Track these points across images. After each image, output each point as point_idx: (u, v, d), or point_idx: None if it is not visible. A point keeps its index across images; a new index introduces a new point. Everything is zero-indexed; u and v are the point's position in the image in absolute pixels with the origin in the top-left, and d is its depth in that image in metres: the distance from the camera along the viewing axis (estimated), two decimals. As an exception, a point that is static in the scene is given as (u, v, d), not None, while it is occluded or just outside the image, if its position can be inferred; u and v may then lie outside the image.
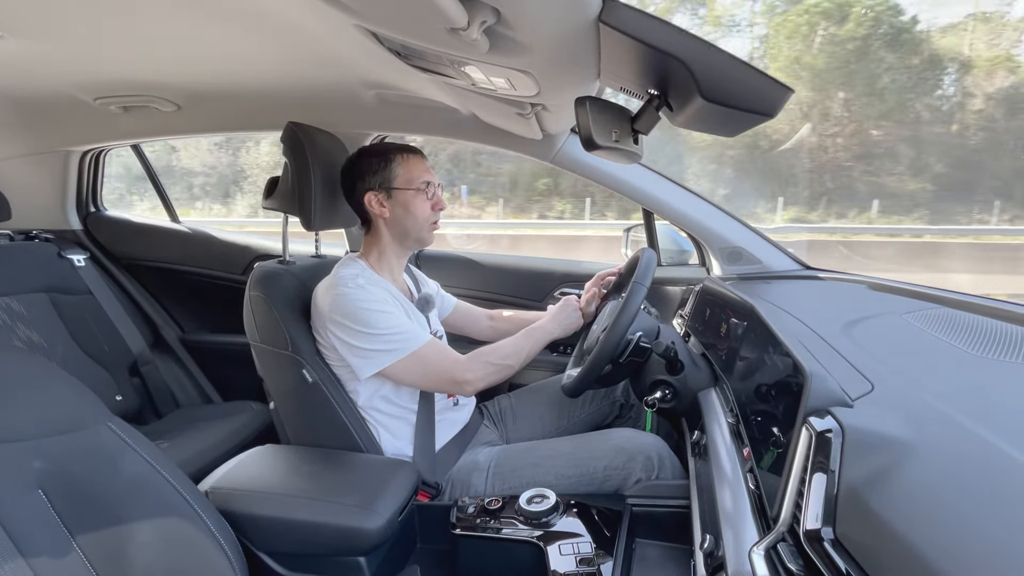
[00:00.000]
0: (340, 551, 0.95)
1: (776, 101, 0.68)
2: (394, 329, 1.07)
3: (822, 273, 1.44)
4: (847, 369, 0.69)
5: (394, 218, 1.15)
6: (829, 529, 0.47)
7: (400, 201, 1.14)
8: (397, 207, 1.14)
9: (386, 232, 1.17)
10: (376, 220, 1.17)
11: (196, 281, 2.02)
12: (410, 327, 1.10)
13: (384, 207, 1.14)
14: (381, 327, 1.06)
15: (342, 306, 1.06)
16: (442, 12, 0.60)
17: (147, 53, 1.20)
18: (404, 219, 1.15)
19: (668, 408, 1.05)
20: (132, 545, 0.72)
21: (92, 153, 1.99)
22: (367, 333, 1.05)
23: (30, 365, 0.76)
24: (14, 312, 1.56)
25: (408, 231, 1.17)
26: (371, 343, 1.06)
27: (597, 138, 0.77)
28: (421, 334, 1.10)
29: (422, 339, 1.09)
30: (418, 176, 1.15)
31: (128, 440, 0.77)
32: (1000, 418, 0.53)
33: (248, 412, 1.72)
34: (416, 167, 1.15)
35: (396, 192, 1.14)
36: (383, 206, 1.14)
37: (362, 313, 1.05)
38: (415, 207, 1.15)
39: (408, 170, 1.14)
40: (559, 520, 0.97)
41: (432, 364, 1.09)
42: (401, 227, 1.16)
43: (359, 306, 1.05)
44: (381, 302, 1.08)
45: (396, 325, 1.07)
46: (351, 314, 1.05)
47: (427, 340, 1.10)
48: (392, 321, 1.07)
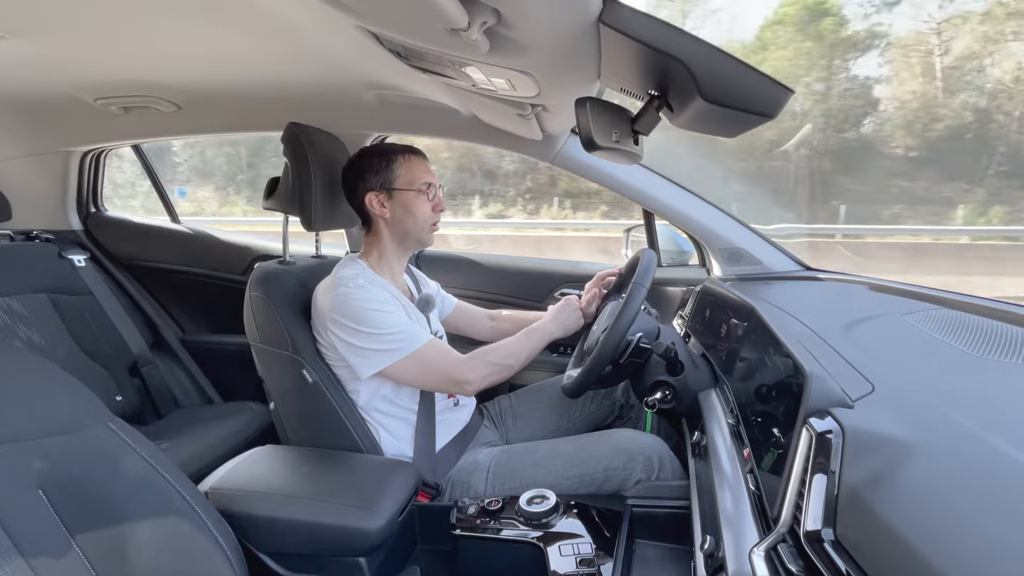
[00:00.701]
0: (340, 551, 0.95)
1: (776, 102, 0.68)
2: (394, 329, 1.07)
3: (822, 274, 1.44)
4: (847, 370, 0.69)
5: (395, 219, 1.16)
6: (829, 530, 0.47)
7: (401, 202, 1.14)
8: (398, 208, 1.15)
9: (387, 232, 1.18)
10: (377, 221, 1.17)
11: (196, 281, 2.02)
12: (410, 327, 1.10)
13: (385, 207, 1.15)
14: (381, 327, 1.06)
15: (342, 306, 1.06)
16: (442, 13, 0.61)
17: (148, 54, 1.20)
18: (405, 220, 1.15)
19: (668, 409, 1.05)
20: (132, 545, 0.72)
21: (92, 153, 1.99)
22: (367, 333, 1.05)
23: (30, 365, 0.76)
24: (14, 312, 1.56)
25: (408, 232, 1.17)
26: (371, 343, 1.06)
27: (597, 139, 0.77)
28: (421, 334, 1.10)
29: (422, 339, 1.09)
30: (419, 177, 1.15)
31: (128, 440, 0.77)
32: (1000, 419, 0.53)
33: (248, 412, 1.72)
34: (417, 168, 1.15)
35: (397, 193, 1.14)
36: (384, 207, 1.14)
37: (362, 313, 1.05)
38: (416, 208, 1.15)
39: (409, 171, 1.14)
40: (559, 521, 0.97)
41: (432, 364, 1.09)
42: (402, 228, 1.16)
43: (359, 306, 1.05)
44: (381, 302, 1.08)
45: (396, 325, 1.07)
46: (351, 314, 1.05)
47: (427, 340, 1.10)
48: (392, 321, 1.07)
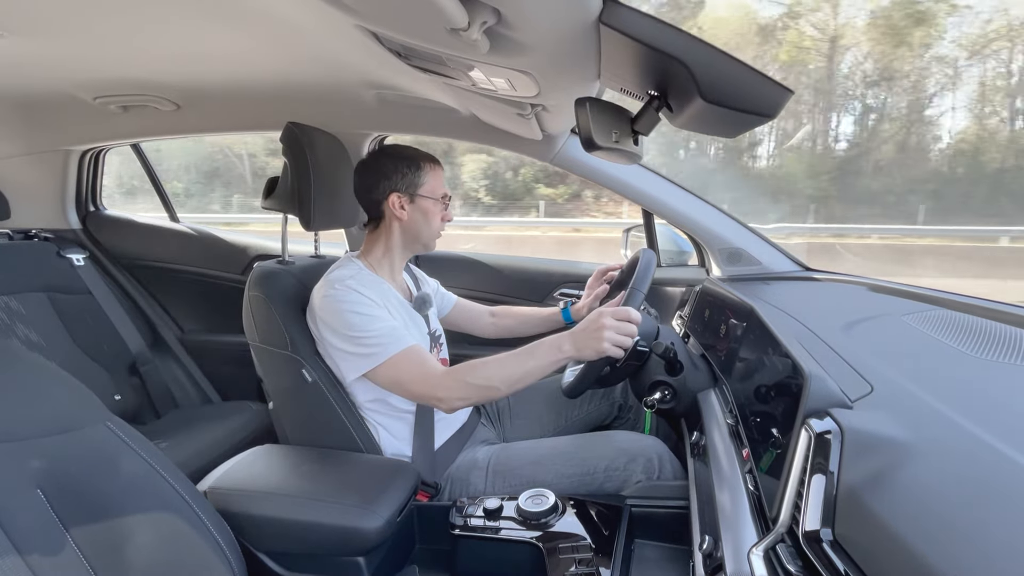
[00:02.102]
0: (339, 551, 0.95)
1: (776, 102, 0.68)
2: (374, 333, 1.05)
3: (822, 274, 1.44)
4: (846, 370, 0.69)
5: (411, 222, 1.16)
6: (828, 530, 0.47)
7: (421, 208, 1.16)
8: (417, 213, 1.16)
9: (398, 233, 1.18)
10: (391, 220, 1.17)
11: (195, 281, 2.01)
12: (393, 332, 1.06)
13: (404, 210, 1.15)
14: (362, 331, 1.04)
15: (329, 308, 1.06)
16: (443, 13, 0.60)
17: (146, 52, 1.20)
18: (420, 225, 1.17)
19: (667, 409, 1.05)
20: (130, 544, 0.72)
21: (91, 152, 1.99)
22: (349, 336, 1.05)
23: (29, 364, 0.76)
24: (13, 311, 1.56)
25: (419, 236, 1.18)
26: (351, 346, 1.06)
27: (597, 139, 0.77)
28: (403, 339, 1.06)
29: (402, 344, 1.05)
30: (439, 188, 1.18)
31: (127, 440, 0.77)
32: (999, 419, 0.53)
33: (247, 412, 1.72)
34: (439, 179, 1.18)
35: (420, 199, 1.15)
36: (404, 209, 1.15)
37: (346, 316, 1.05)
38: (432, 216, 1.17)
39: (433, 180, 1.17)
40: (558, 520, 0.97)
41: (406, 374, 1.05)
42: (414, 232, 1.18)
43: (343, 308, 1.05)
44: (367, 305, 1.06)
45: (377, 330, 1.05)
46: (335, 316, 1.05)
47: (406, 347, 1.05)
48: (374, 325, 1.05)
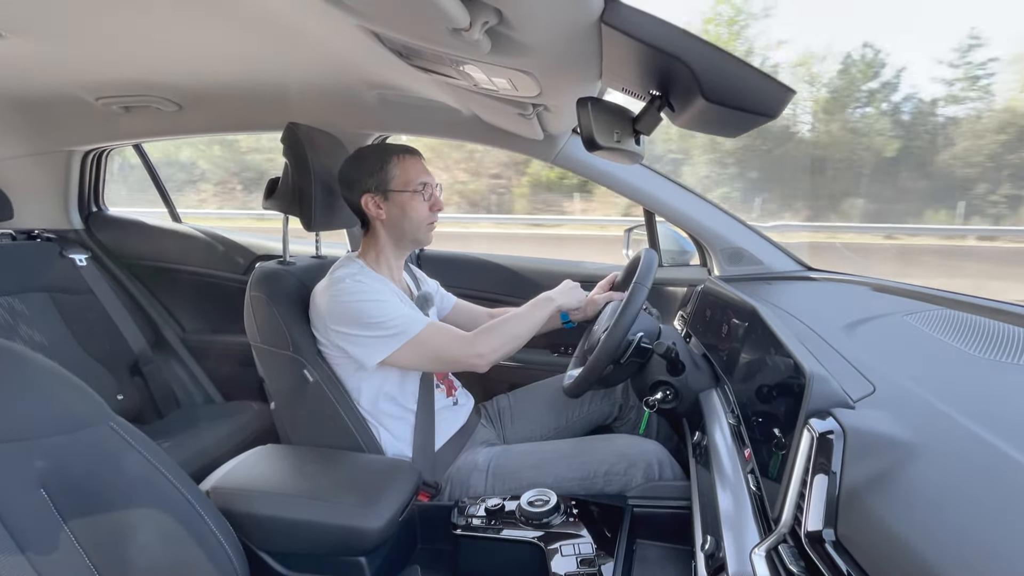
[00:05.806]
0: (341, 551, 0.95)
1: (778, 102, 0.68)
2: (393, 316, 1.07)
3: (823, 274, 1.43)
4: (848, 370, 0.69)
5: (391, 220, 1.15)
6: (830, 530, 0.47)
7: (397, 203, 1.14)
8: (394, 209, 1.14)
9: (384, 233, 1.17)
10: (373, 222, 1.17)
11: (197, 281, 2.01)
12: (410, 313, 1.10)
13: (381, 209, 1.14)
14: (380, 316, 1.06)
15: (340, 302, 1.06)
16: (444, 13, 0.60)
17: (149, 53, 1.20)
18: (401, 221, 1.15)
19: (669, 409, 1.05)
20: (133, 544, 0.72)
21: (94, 153, 1.99)
22: (367, 323, 1.05)
23: (32, 365, 0.76)
24: (16, 311, 1.56)
25: (405, 232, 1.16)
26: (372, 331, 1.06)
27: (599, 139, 0.77)
28: (421, 319, 1.11)
29: (422, 323, 1.09)
30: (415, 177, 1.14)
31: (130, 440, 0.77)
32: (1001, 419, 0.53)
33: (249, 412, 1.72)
34: (413, 168, 1.14)
35: (393, 194, 1.13)
36: (380, 208, 1.14)
37: (359, 305, 1.05)
38: (412, 209, 1.14)
39: (405, 171, 1.13)
40: (560, 521, 0.97)
41: (439, 344, 1.09)
42: (398, 229, 1.16)
43: (355, 299, 1.06)
44: (377, 292, 1.09)
45: (394, 312, 1.07)
46: (348, 308, 1.06)
47: (428, 322, 1.11)
48: (389, 309, 1.07)
